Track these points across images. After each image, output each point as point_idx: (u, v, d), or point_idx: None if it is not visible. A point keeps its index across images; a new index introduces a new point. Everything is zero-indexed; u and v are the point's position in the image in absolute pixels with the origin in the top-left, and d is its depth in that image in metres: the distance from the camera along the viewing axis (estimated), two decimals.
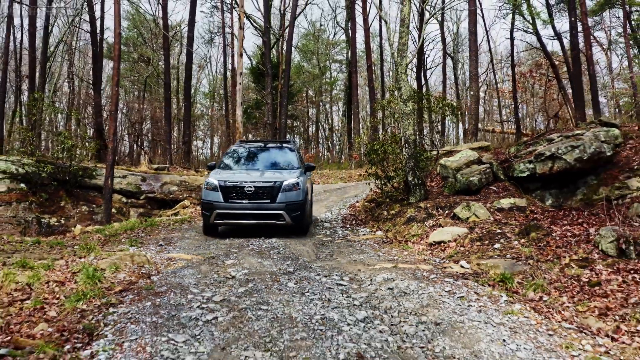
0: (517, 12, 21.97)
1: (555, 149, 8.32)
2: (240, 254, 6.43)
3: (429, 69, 32.65)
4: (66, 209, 11.58)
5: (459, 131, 31.08)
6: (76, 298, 4.21)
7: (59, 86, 29.70)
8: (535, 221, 7.06)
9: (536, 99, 26.53)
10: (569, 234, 6.33)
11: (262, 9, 25.04)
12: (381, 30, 31.20)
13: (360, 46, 29.93)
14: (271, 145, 9.98)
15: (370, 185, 11.67)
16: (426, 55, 30.72)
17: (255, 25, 27.98)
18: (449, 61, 30.77)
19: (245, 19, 21.78)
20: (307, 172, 9.17)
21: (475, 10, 17.91)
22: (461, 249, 6.60)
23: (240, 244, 7.19)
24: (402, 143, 9.45)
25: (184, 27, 30.12)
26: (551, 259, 5.58)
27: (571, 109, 18.12)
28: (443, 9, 25.17)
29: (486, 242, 6.52)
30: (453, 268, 5.70)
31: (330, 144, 38.94)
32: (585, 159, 8.07)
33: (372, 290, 4.78)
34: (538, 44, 21.78)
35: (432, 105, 12.40)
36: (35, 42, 20.17)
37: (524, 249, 6.01)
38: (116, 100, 11.63)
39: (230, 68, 31.22)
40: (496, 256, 5.95)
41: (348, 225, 9.92)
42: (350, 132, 28.44)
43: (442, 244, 6.96)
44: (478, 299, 4.56)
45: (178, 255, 6.21)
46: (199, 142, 38.60)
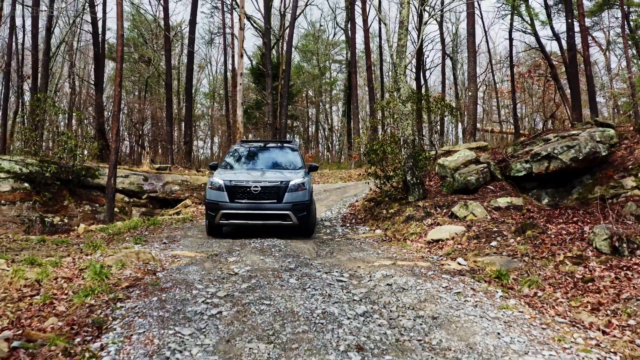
0: (516, 13, 22.07)
1: (552, 149, 8.45)
2: (242, 252, 6.57)
3: (429, 69, 32.74)
4: (69, 208, 11.71)
5: (458, 131, 31.18)
6: (84, 293, 4.32)
7: (59, 86, 29.81)
8: (532, 220, 7.19)
9: (535, 99, 26.63)
10: (564, 232, 6.47)
11: (263, 10, 25.17)
12: (380, 31, 31.30)
13: (359, 47, 30.05)
14: (273, 145, 9.97)
15: (369, 184, 11.79)
16: (425, 56, 30.83)
17: (255, 26, 28.08)
18: (448, 61, 30.88)
19: (245, 20, 21.89)
20: (310, 173, 9.20)
21: (474, 12, 18.03)
22: (458, 246, 6.73)
23: (242, 242, 7.32)
24: (401, 143, 9.57)
25: (184, 28, 30.26)
26: (546, 256, 5.71)
27: (569, 109, 18.25)
28: (442, 10, 25.31)
29: (483, 240, 6.65)
30: (450, 265, 5.83)
31: (330, 144, 39.06)
32: (580, 158, 8.20)
33: (372, 286, 4.91)
34: (537, 44, 21.88)
35: (431, 106, 12.53)
36: (37, 43, 20.25)
37: (519, 246, 6.14)
38: (119, 101, 11.76)
39: (231, 68, 31.30)
40: (493, 253, 6.08)
41: (348, 224, 10.05)
42: (349, 132, 28.54)
43: (440, 242, 7.09)
44: (474, 294, 4.70)
45: (182, 253, 6.35)
46: (199, 142, 38.76)
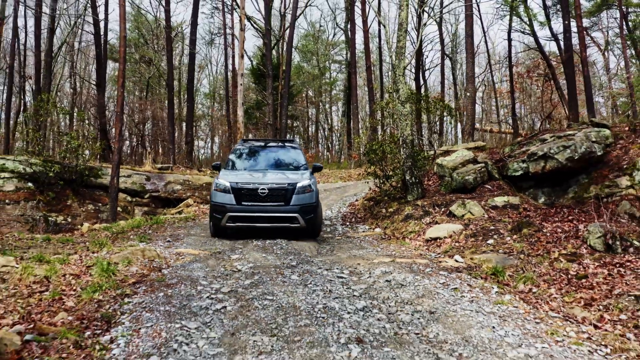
0: (515, 14, 22.16)
1: (548, 149, 8.59)
2: (245, 250, 6.71)
3: (428, 69, 32.82)
4: (73, 207, 11.85)
5: (457, 131, 31.32)
6: (92, 289, 4.47)
7: (60, 86, 29.95)
8: (528, 218, 7.33)
9: (533, 100, 26.77)
10: (559, 230, 6.61)
11: (263, 11, 25.28)
12: (380, 31, 31.40)
13: (359, 47, 30.13)
14: (276, 144, 9.81)
15: (369, 184, 11.93)
16: (425, 56, 30.91)
17: (255, 26, 28.21)
18: (447, 62, 31.02)
19: (246, 21, 22.01)
20: (314, 173, 9.08)
21: (472, 14, 18.17)
22: (456, 244, 6.88)
23: (245, 241, 7.46)
24: (400, 143, 9.70)
25: (185, 28, 30.32)
26: (541, 253, 5.86)
27: (567, 110, 18.38)
28: (441, 12, 25.44)
29: (480, 238, 6.80)
30: (448, 262, 5.97)
31: (329, 144, 39.19)
32: (576, 158, 8.34)
33: (371, 282, 5.05)
34: (535, 45, 21.99)
35: (430, 107, 12.67)
36: (40, 44, 20.38)
37: (515, 244, 6.28)
38: (122, 101, 11.90)
39: (231, 69, 31.41)
40: (489, 251, 6.22)
41: (348, 223, 10.20)
42: (349, 132, 28.67)
43: (438, 240, 7.23)
44: (470, 290, 4.84)
45: (186, 251, 6.49)
46: (200, 142, 38.88)
